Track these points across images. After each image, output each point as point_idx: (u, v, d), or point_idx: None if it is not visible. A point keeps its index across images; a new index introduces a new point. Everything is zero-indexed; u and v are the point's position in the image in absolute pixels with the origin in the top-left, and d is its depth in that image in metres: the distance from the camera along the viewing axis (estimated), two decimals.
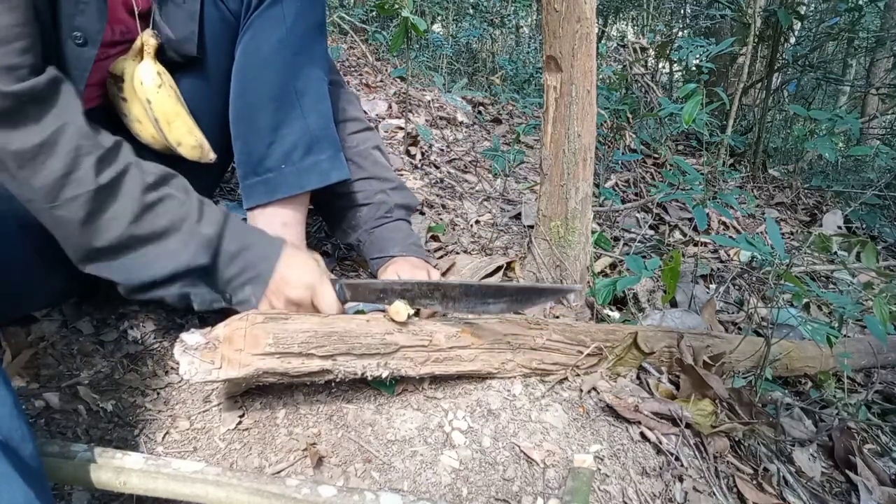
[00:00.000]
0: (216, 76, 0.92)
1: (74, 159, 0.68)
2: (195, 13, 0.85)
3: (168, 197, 0.76)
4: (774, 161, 3.63)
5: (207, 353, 0.75)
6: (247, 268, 0.82)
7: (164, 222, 0.75)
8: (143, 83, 0.83)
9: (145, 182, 0.74)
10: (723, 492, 0.91)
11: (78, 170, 0.68)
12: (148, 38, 0.83)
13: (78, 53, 0.75)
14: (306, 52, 0.92)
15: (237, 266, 0.81)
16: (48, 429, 0.78)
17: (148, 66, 0.83)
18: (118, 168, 0.72)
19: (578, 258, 1.25)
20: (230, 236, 0.81)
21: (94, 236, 0.72)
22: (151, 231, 0.74)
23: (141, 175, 0.74)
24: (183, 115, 0.87)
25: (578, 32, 1.08)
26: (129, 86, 0.84)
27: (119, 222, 0.72)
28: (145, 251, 0.75)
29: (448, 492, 0.80)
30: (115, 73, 0.85)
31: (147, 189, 0.74)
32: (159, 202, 0.75)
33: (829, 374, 1.39)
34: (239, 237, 0.82)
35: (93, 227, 0.71)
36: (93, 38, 0.76)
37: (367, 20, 4.03)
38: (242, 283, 0.82)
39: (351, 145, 1.08)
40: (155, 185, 0.76)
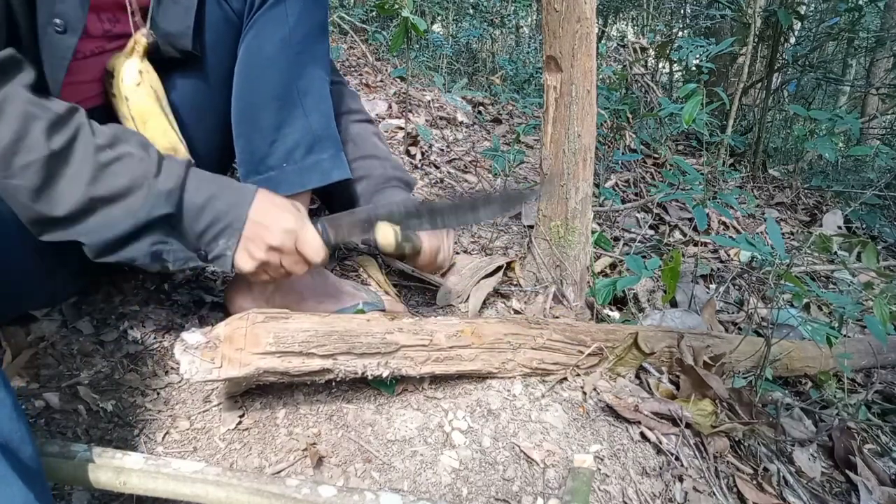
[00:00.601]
0: (218, 75, 0.92)
1: (23, 125, 0.66)
2: (191, 8, 0.85)
3: (125, 155, 0.73)
4: (774, 161, 3.63)
5: (208, 352, 0.75)
6: (217, 218, 0.78)
7: (124, 181, 0.72)
8: (124, 80, 0.83)
9: (97, 143, 0.71)
10: (723, 492, 0.91)
11: (28, 136, 0.66)
12: (139, 37, 0.83)
13: (57, 41, 0.75)
14: (309, 51, 0.92)
15: (206, 218, 0.77)
16: (48, 429, 0.78)
17: (132, 64, 0.83)
18: (69, 132, 0.70)
19: (578, 258, 1.25)
20: (194, 187, 0.77)
21: (52, 204, 0.69)
22: (111, 191, 0.71)
23: (93, 136, 0.72)
24: (159, 117, 0.86)
25: (578, 32, 1.08)
26: (117, 83, 0.84)
27: (76, 186, 0.69)
28: (107, 212, 0.72)
29: (448, 492, 0.80)
30: (109, 69, 0.85)
31: (100, 149, 0.71)
32: (116, 160, 0.72)
33: (830, 374, 1.39)
34: (204, 187, 0.78)
35: (49, 194, 0.69)
36: (73, 26, 0.75)
37: (367, 20, 4.03)
38: (214, 235, 0.78)
39: (352, 132, 1.08)
40: (109, 145, 0.72)
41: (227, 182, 0.81)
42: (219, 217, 0.78)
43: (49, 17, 0.73)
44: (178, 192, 0.75)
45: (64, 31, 0.75)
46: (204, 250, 0.79)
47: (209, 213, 0.77)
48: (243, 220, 0.79)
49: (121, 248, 0.74)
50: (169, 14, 0.85)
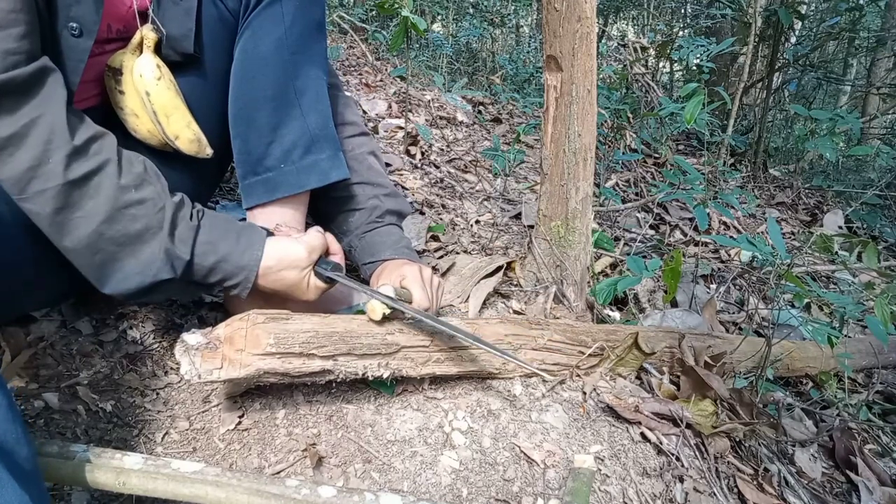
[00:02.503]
0: (215, 75, 0.92)
1: (44, 152, 0.66)
2: (192, 10, 0.85)
3: (146, 200, 0.74)
4: (775, 161, 3.63)
5: (208, 353, 0.75)
6: (227, 278, 0.82)
7: (139, 226, 0.73)
8: (143, 75, 0.83)
9: (121, 183, 0.72)
10: (723, 492, 0.91)
11: (47, 163, 0.66)
12: (147, 31, 0.83)
13: (73, 44, 0.75)
14: (305, 51, 0.92)
15: (216, 276, 0.81)
16: (47, 429, 0.78)
17: (147, 59, 0.83)
18: (92, 164, 0.70)
19: (579, 258, 1.24)
20: (203, 249, 0.79)
21: (63, 234, 0.70)
22: (123, 234, 0.72)
23: (118, 173, 0.72)
24: (181, 109, 0.87)
25: (579, 32, 1.08)
26: (128, 79, 0.84)
27: (89, 221, 0.70)
28: (116, 258, 0.73)
29: (448, 492, 0.80)
30: (113, 66, 0.84)
31: (123, 190, 0.72)
32: (137, 204, 0.73)
33: (830, 374, 1.39)
34: (212, 250, 0.80)
35: (62, 223, 0.69)
36: (89, 29, 0.76)
37: (366, 19, 4.02)
38: (227, 288, 0.83)
39: (346, 149, 1.07)
40: (133, 185, 0.73)
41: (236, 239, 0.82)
42: (228, 277, 0.81)
43: (66, 20, 0.73)
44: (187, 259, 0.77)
45: (80, 35, 0.75)
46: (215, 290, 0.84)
47: (219, 273, 0.80)
48: (252, 279, 0.82)
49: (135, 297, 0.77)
50: (169, 16, 0.85)
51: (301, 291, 0.87)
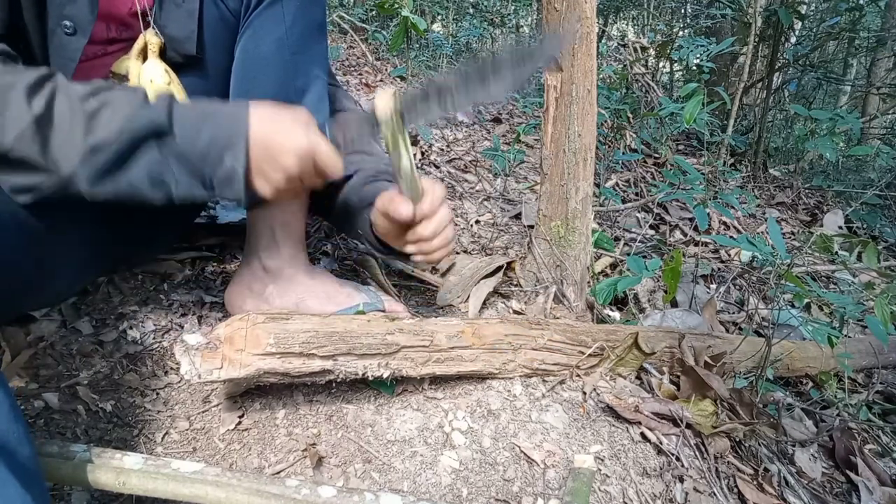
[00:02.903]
0: (216, 76, 0.92)
1: (2, 98, 0.64)
2: (194, 12, 0.85)
3: (111, 101, 0.69)
4: (775, 161, 3.63)
5: (208, 353, 0.75)
6: (217, 134, 0.71)
7: (119, 122, 0.68)
8: (154, 81, 0.83)
9: (79, 94, 0.68)
10: (723, 492, 0.91)
11: (9, 107, 0.65)
12: (151, 37, 0.83)
13: (66, 42, 0.75)
14: (306, 51, 0.92)
15: (206, 133, 0.71)
16: (47, 429, 0.78)
17: (156, 65, 0.84)
18: (47, 93, 0.67)
19: (579, 258, 1.24)
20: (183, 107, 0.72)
21: (59, 164, 0.67)
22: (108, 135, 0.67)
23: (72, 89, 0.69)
24: None
25: (579, 32, 1.08)
26: (135, 84, 0.84)
27: (74, 142, 0.67)
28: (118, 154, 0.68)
29: (448, 492, 0.80)
30: (118, 72, 0.85)
31: (83, 99, 0.68)
32: (103, 107, 0.68)
33: (830, 374, 1.39)
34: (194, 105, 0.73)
35: (53, 155, 0.67)
36: (83, 27, 0.76)
37: (366, 19, 4.02)
38: (219, 152, 0.71)
39: None
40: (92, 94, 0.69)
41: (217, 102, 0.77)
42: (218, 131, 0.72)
43: (58, 18, 0.73)
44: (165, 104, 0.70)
45: (73, 33, 0.75)
46: (210, 175, 0.72)
47: (207, 127, 0.71)
48: (245, 127, 0.72)
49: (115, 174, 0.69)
50: (172, 18, 0.85)
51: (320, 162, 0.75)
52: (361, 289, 1.05)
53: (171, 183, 0.71)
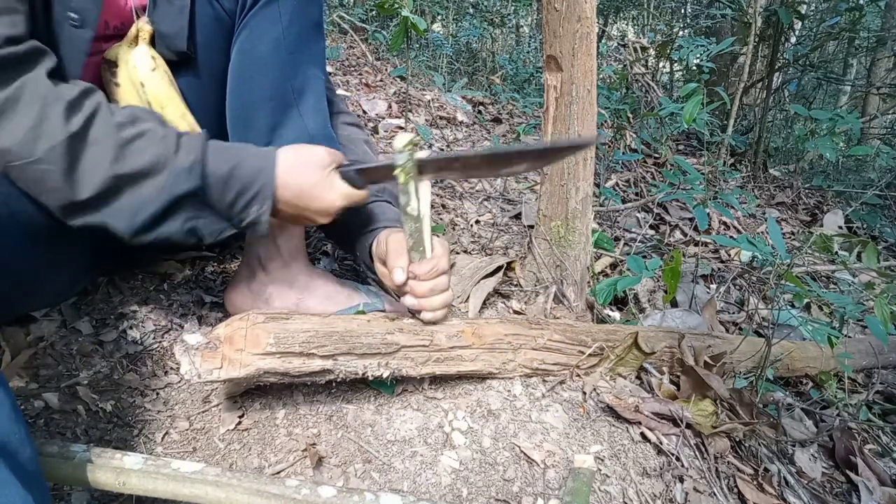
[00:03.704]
0: (211, 75, 0.92)
1: (42, 109, 0.67)
2: (185, 8, 0.85)
3: (147, 132, 0.73)
4: (775, 161, 3.63)
5: (208, 353, 0.75)
6: (245, 187, 0.77)
7: (148, 157, 0.72)
8: (138, 66, 0.83)
9: (117, 121, 0.72)
10: (723, 492, 0.91)
11: (47, 120, 0.67)
12: (143, 24, 0.84)
13: (75, 35, 0.76)
14: (303, 51, 0.91)
15: (234, 187, 0.77)
16: (47, 429, 0.78)
17: (143, 51, 0.84)
18: (87, 112, 0.70)
19: (579, 258, 1.24)
20: (214, 158, 0.76)
21: (79, 187, 0.69)
22: (134, 169, 0.71)
23: (111, 115, 0.72)
24: (176, 100, 0.87)
25: (579, 32, 1.08)
26: (123, 70, 0.84)
27: (100, 166, 0.69)
28: (134, 192, 0.72)
29: (448, 492, 0.80)
30: (109, 58, 0.85)
31: (120, 126, 0.71)
32: (137, 137, 0.72)
33: (830, 374, 1.39)
34: (224, 156, 0.77)
35: (76, 176, 0.69)
36: (90, 19, 0.76)
37: (366, 19, 4.02)
38: (246, 203, 0.78)
39: (342, 134, 1.07)
40: (130, 122, 0.73)
41: (247, 147, 0.81)
42: (246, 186, 0.77)
43: (65, 10, 0.74)
44: (199, 166, 0.74)
45: (80, 26, 0.76)
46: (237, 218, 0.79)
47: (236, 182, 0.77)
48: (272, 181, 0.78)
49: (155, 228, 0.75)
50: (163, 14, 0.85)
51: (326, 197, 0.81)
52: (361, 289, 1.05)
53: (205, 231, 0.78)
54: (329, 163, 0.82)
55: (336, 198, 0.82)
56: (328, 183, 0.82)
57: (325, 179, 0.81)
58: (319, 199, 0.81)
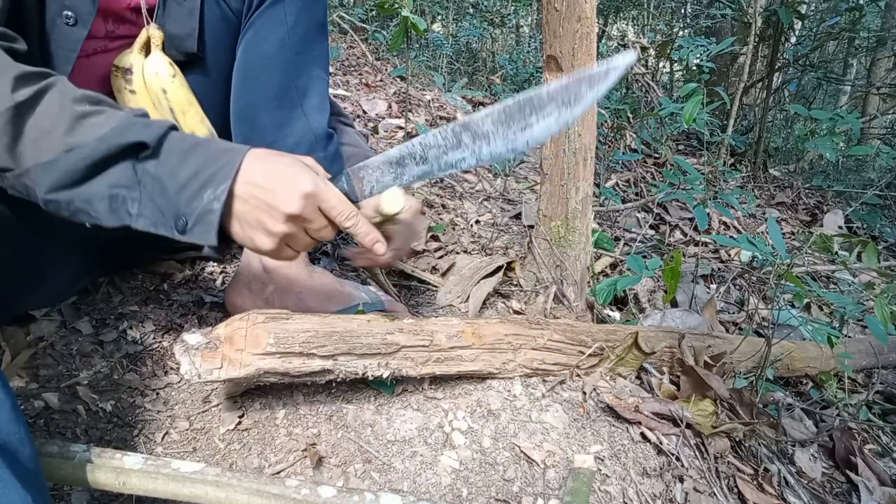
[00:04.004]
0: (217, 75, 0.92)
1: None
2: (195, 10, 0.85)
3: (106, 111, 0.64)
4: (775, 161, 3.63)
5: (208, 353, 0.75)
6: (204, 164, 0.63)
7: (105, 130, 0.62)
8: (159, 73, 0.84)
9: (75, 96, 0.63)
10: (723, 492, 0.91)
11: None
12: (154, 31, 0.84)
13: (67, 33, 0.75)
14: (308, 51, 0.92)
15: (191, 164, 0.63)
16: (47, 429, 0.78)
17: (160, 57, 0.84)
18: (39, 85, 0.62)
19: (579, 258, 1.24)
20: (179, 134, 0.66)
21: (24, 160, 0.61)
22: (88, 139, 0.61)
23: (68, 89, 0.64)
24: (196, 105, 0.88)
25: (579, 32, 1.08)
26: (139, 78, 0.84)
27: (51, 138, 0.61)
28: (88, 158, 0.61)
29: (448, 492, 0.80)
30: (122, 66, 0.85)
31: (77, 101, 0.63)
32: (96, 113, 0.63)
33: (830, 374, 1.39)
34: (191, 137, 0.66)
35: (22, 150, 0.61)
36: (84, 18, 0.76)
37: (366, 19, 4.02)
38: (200, 185, 0.63)
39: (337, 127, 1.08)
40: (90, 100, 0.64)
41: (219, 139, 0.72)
42: (207, 162, 0.63)
43: (59, 8, 0.73)
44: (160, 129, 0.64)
45: (74, 24, 0.75)
46: (184, 213, 0.64)
47: (196, 157, 0.64)
48: (235, 164, 0.64)
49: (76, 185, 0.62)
50: (173, 16, 0.85)
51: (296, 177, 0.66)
52: (361, 289, 1.05)
53: (133, 209, 0.63)
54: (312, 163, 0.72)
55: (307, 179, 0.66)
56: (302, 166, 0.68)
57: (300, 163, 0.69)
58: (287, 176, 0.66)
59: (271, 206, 0.65)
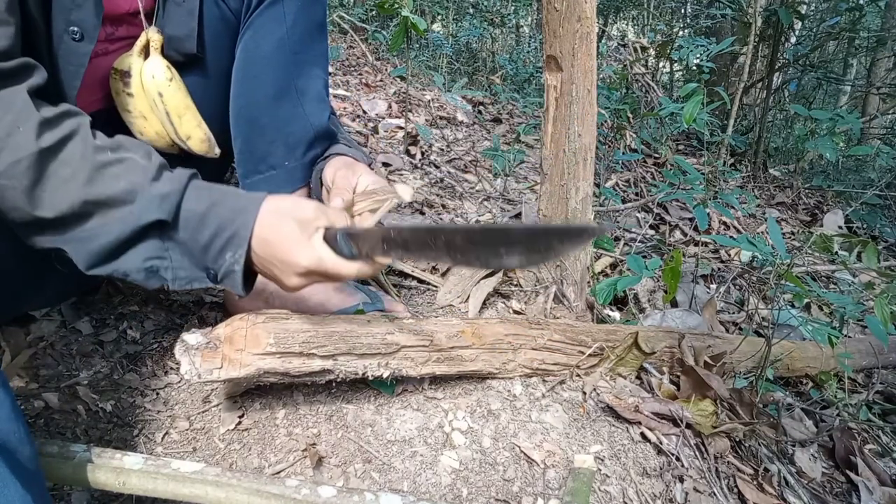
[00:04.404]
0: (217, 75, 0.92)
1: (12, 123, 0.63)
2: (194, 11, 0.85)
3: (126, 160, 0.68)
4: (775, 161, 3.63)
5: (208, 352, 0.75)
6: (221, 227, 0.69)
7: (123, 184, 0.66)
8: (155, 77, 0.84)
9: (97, 144, 0.67)
10: (723, 492, 0.91)
11: (16, 134, 0.63)
12: (153, 34, 0.84)
13: (74, 48, 0.75)
14: (307, 51, 0.92)
15: (209, 227, 0.69)
16: (47, 429, 0.78)
17: (158, 61, 0.84)
18: (64, 131, 0.66)
19: (579, 258, 1.24)
20: (195, 194, 0.70)
21: (43, 206, 0.65)
22: (108, 196, 0.66)
23: (90, 137, 0.68)
24: (193, 109, 0.88)
25: (579, 32, 1.08)
26: (137, 81, 0.84)
27: (70, 187, 0.64)
28: (102, 218, 0.66)
29: (448, 492, 0.80)
30: (120, 68, 0.85)
31: (98, 150, 0.67)
32: (117, 163, 0.67)
33: (830, 374, 1.39)
34: (206, 195, 0.70)
35: (41, 195, 0.64)
36: (89, 33, 0.76)
37: (366, 19, 4.02)
38: (220, 247, 0.70)
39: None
40: (111, 148, 0.68)
41: (233, 190, 0.75)
42: (223, 225, 0.70)
43: (65, 24, 0.73)
44: (174, 198, 0.68)
45: (80, 39, 0.75)
46: (213, 268, 0.72)
47: (212, 221, 0.69)
48: (249, 228, 0.71)
49: (111, 260, 0.68)
50: (172, 17, 0.85)
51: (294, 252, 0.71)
52: (361, 288, 1.05)
53: (167, 276, 0.70)
54: (313, 219, 0.74)
55: (304, 258, 0.72)
56: (303, 238, 0.73)
57: (302, 234, 0.73)
58: (287, 252, 0.72)
59: (276, 276, 0.74)
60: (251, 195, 0.74)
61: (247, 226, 0.70)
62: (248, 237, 0.70)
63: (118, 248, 0.67)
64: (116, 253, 0.68)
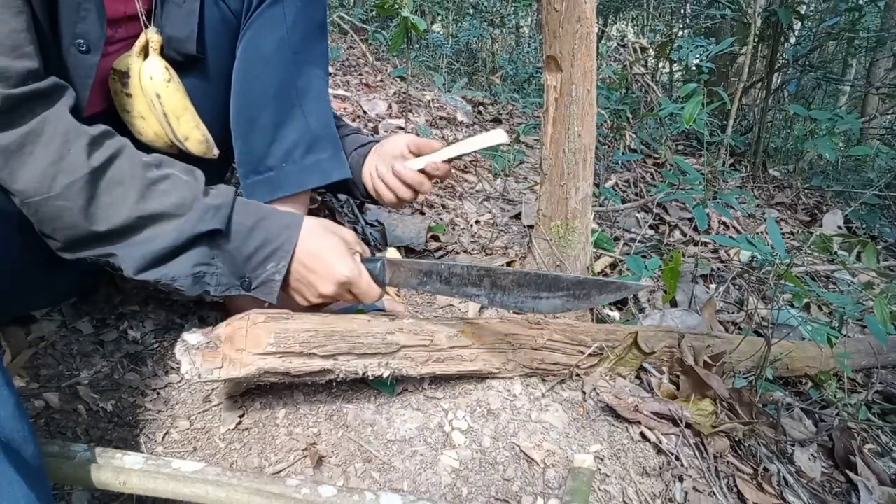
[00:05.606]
0: (217, 75, 0.92)
1: (63, 145, 0.66)
2: (194, 12, 0.85)
3: (171, 175, 0.73)
4: (775, 161, 3.63)
5: (209, 352, 0.75)
6: (267, 239, 0.76)
7: (173, 199, 0.71)
8: (153, 78, 0.84)
9: (144, 160, 0.72)
10: (723, 492, 0.91)
11: (68, 156, 0.66)
12: (152, 34, 0.84)
13: (81, 60, 0.76)
14: (307, 51, 0.92)
15: (256, 238, 0.76)
16: (48, 429, 0.78)
17: (156, 62, 0.84)
18: (110, 150, 0.70)
19: (578, 258, 1.25)
20: (242, 208, 0.76)
21: (99, 221, 0.68)
22: (161, 210, 0.70)
23: (136, 154, 0.72)
24: (191, 110, 0.88)
25: (578, 32, 1.08)
26: (136, 82, 0.84)
27: (125, 203, 0.69)
28: (154, 230, 0.71)
29: (448, 492, 0.80)
30: (119, 69, 0.85)
31: (147, 166, 0.71)
32: (164, 179, 0.72)
33: (830, 374, 1.39)
34: (253, 210, 0.78)
35: (95, 212, 0.68)
36: (95, 44, 0.77)
37: (366, 20, 4.02)
38: (264, 257, 0.76)
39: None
40: (156, 164, 0.73)
41: (274, 209, 0.82)
42: (269, 238, 0.76)
43: (72, 37, 0.74)
44: (226, 210, 0.74)
45: (87, 51, 0.76)
46: (249, 276, 0.77)
47: (260, 234, 0.76)
48: (293, 243, 0.77)
49: (161, 265, 0.72)
50: (172, 18, 0.85)
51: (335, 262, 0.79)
52: None
53: (211, 282, 0.75)
54: (354, 241, 0.84)
55: (346, 268, 0.80)
56: (347, 252, 0.81)
57: (345, 248, 0.81)
58: (330, 261, 0.79)
59: (311, 284, 0.80)
60: (293, 214, 0.82)
61: (291, 240, 0.78)
62: (292, 250, 0.78)
63: (170, 253, 0.72)
64: (168, 258, 0.72)
